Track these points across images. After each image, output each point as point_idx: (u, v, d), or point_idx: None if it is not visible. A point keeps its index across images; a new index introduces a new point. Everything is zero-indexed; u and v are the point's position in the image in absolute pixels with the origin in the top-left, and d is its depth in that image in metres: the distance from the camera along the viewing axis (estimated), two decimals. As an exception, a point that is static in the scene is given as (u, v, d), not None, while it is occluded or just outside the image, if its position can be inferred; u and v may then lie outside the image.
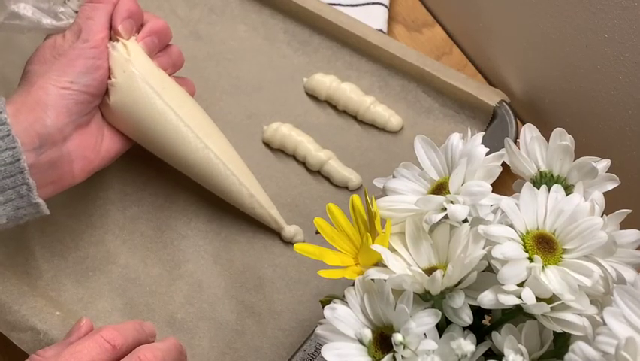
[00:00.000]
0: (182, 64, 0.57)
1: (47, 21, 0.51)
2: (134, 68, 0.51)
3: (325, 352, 0.35)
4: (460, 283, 0.35)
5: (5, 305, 0.52)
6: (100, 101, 0.52)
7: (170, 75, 0.55)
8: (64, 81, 0.48)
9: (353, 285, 0.37)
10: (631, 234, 0.37)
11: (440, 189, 0.39)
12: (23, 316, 0.52)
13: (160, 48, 0.55)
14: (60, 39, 0.51)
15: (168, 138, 0.53)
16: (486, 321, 0.39)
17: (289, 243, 0.56)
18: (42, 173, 0.48)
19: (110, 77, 0.51)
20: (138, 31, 0.54)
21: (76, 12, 0.52)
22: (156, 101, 0.52)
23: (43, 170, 0.48)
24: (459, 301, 0.35)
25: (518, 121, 0.59)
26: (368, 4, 0.68)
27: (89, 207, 0.58)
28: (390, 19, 0.68)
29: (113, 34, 0.52)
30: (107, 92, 0.52)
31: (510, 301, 0.34)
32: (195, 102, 0.56)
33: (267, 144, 0.60)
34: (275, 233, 0.57)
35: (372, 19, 0.66)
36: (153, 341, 0.50)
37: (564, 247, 0.36)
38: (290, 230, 0.56)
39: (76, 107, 0.49)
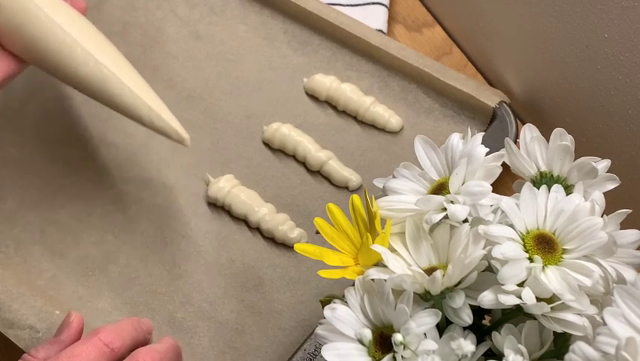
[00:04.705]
0: None
1: None
2: None
3: (325, 352, 0.35)
4: (460, 283, 0.35)
5: (4, 304, 0.52)
6: None
7: None
8: None
9: (353, 285, 0.37)
10: (631, 234, 0.37)
11: (440, 189, 0.39)
12: (23, 314, 0.52)
13: None
14: None
15: (58, 54, 0.53)
16: (486, 321, 0.39)
17: (289, 243, 0.56)
18: None
19: None
20: None
21: None
22: (44, 19, 0.52)
23: None
24: (459, 301, 0.35)
25: (518, 121, 0.59)
26: (368, 4, 0.68)
27: (89, 207, 0.58)
28: (391, 19, 0.68)
29: None
30: None
31: (510, 301, 0.33)
32: (86, 19, 0.55)
33: (267, 144, 0.60)
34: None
35: (372, 19, 0.66)
36: (150, 337, 0.50)
37: (564, 247, 0.36)
38: (293, 231, 0.56)
39: None
